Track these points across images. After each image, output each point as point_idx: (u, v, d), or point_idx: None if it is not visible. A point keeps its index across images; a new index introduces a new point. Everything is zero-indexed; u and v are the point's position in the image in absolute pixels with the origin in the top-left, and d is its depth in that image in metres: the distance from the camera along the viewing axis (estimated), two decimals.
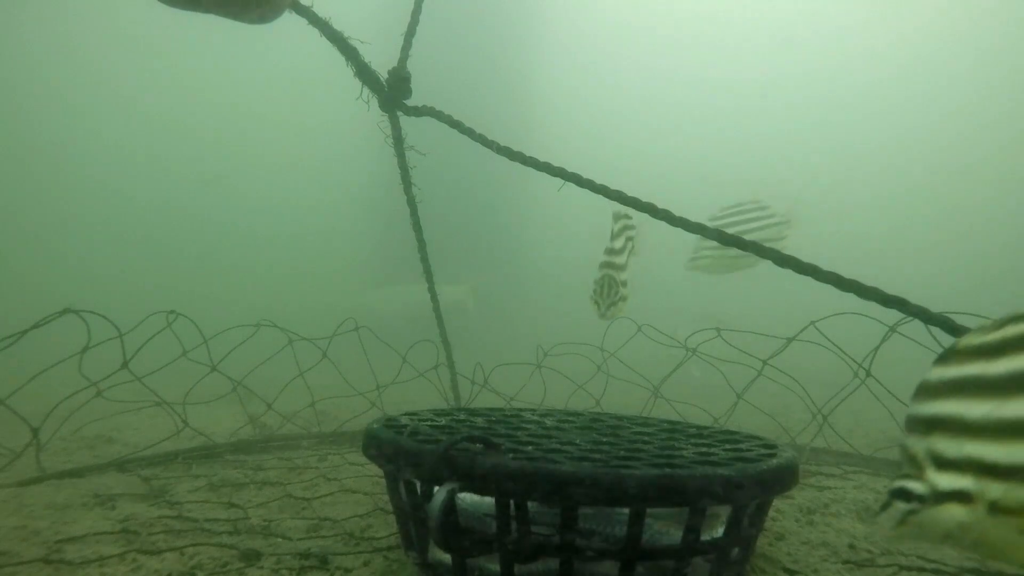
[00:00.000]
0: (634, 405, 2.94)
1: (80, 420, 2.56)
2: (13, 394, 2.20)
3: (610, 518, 1.17)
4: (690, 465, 1.11)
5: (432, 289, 3.13)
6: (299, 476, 2.08)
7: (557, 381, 3.06)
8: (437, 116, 2.61)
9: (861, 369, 2.40)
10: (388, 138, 2.85)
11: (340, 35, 2.48)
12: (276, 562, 1.33)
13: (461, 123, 2.52)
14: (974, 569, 1.35)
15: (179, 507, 1.71)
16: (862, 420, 3.48)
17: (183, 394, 2.62)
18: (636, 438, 1.38)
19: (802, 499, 1.82)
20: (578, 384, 3.00)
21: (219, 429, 2.88)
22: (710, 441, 1.39)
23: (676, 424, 1.63)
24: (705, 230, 1.90)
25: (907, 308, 1.53)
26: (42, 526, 1.52)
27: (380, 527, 1.57)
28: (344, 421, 2.99)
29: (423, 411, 1.62)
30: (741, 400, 2.71)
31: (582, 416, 1.67)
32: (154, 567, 1.29)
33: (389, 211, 4.84)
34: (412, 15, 2.72)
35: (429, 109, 2.65)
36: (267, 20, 2.11)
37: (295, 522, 1.61)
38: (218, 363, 2.73)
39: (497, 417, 1.57)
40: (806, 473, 2.19)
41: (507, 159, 2.34)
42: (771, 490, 1.14)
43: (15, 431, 2.30)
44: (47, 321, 2.32)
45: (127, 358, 2.40)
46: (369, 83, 2.62)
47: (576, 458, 1.12)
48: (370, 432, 1.29)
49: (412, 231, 3.04)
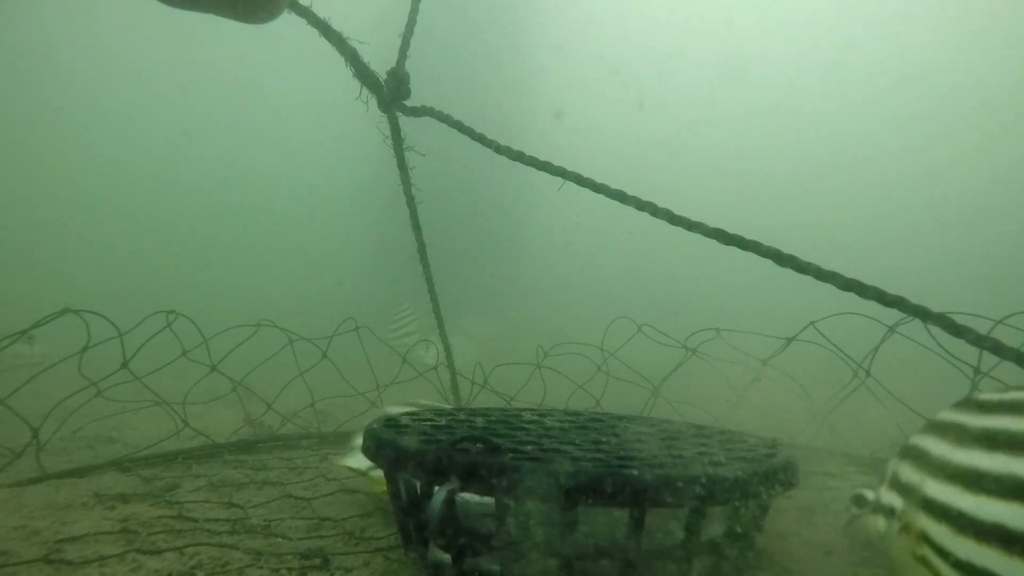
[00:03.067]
0: (634, 405, 2.94)
1: (80, 420, 2.56)
2: (13, 394, 2.21)
3: (610, 518, 1.17)
4: (690, 465, 1.11)
5: (432, 289, 3.13)
6: (299, 476, 2.08)
7: (557, 381, 3.06)
8: (436, 116, 2.60)
9: (861, 369, 2.40)
10: (387, 139, 2.85)
11: (339, 35, 2.48)
12: (276, 562, 1.33)
13: (461, 123, 2.52)
14: None
15: (179, 507, 1.71)
16: (862, 420, 3.48)
17: (183, 394, 2.62)
18: (636, 438, 1.38)
19: (802, 499, 1.82)
20: (578, 384, 3.00)
21: (219, 429, 2.88)
22: (710, 441, 1.39)
23: (676, 424, 1.63)
24: (705, 230, 1.90)
25: (907, 308, 1.53)
26: (42, 526, 1.52)
27: (380, 527, 1.57)
28: (344, 421, 2.99)
29: (423, 411, 1.62)
30: (741, 400, 2.71)
31: (582, 416, 1.67)
32: (154, 567, 1.29)
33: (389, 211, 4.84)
34: (409, 15, 2.72)
35: (428, 109, 2.65)
36: (266, 20, 2.11)
37: (295, 522, 1.61)
38: (218, 363, 2.73)
39: (497, 417, 1.57)
40: (806, 473, 2.19)
41: (507, 159, 2.34)
42: (771, 489, 1.15)
43: (15, 431, 2.30)
44: (47, 321, 2.32)
45: (127, 358, 2.40)
46: (368, 83, 2.62)
47: (576, 458, 1.12)
48: (370, 432, 1.29)
49: (411, 230, 3.04)
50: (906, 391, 2.44)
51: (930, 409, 2.34)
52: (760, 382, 2.70)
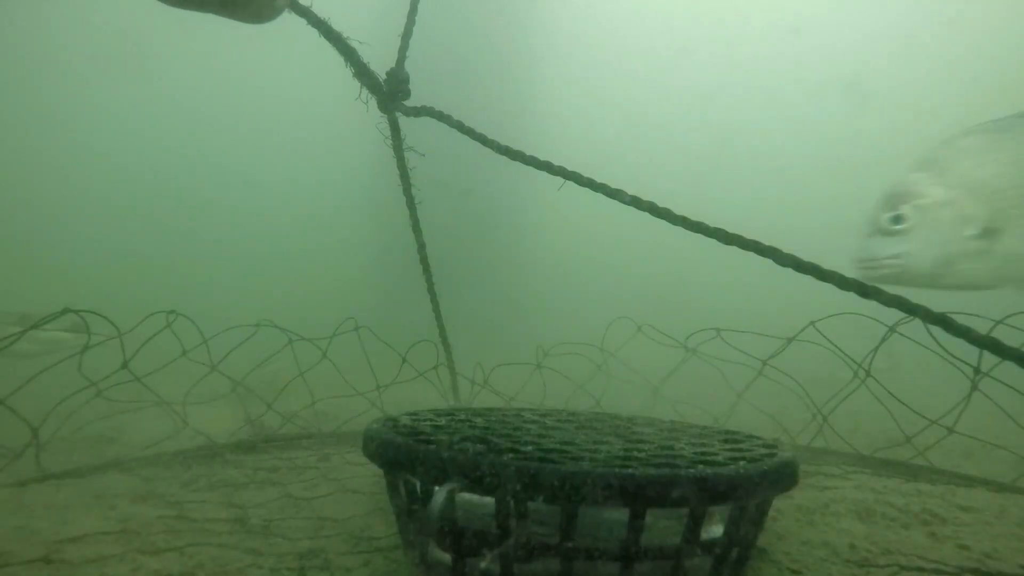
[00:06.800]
0: (634, 405, 2.94)
1: (80, 420, 2.56)
2: (13, 394, 2.21)
3: (610, 518, 1.17)
4: (690, 465, 1.10)
5: (432, 289, 3.13)
6: (299, 476, 2.08)
7: (557, 381, 3.06)
8: (436, 116, 2.61)
9: (861, 369, 2.40)
10: (387, 139, 2.85)
11: (339, 35, 2.48)
12: (276, 562, 1.33)
13: (461, 123, 2.52)
14: (974, 569, 1.35)
15: (179, 507, 1.71)
16: (862, 420, 3.48)
17: (183, 394, 2.62)
18: (636, 438, 1.38)
19: (802, 499, 1.82)
20: (578, 384, 3.00)
21: (219, 429, 2.88)
22: (710, 441, 1.39)
23: (676, 424, 1.63)
24: (705, 229, 1.90)
25: (908, 307, 1.53)
26: (42, 526, 1.52)
27: (380, 527, 1.57)
28: (344, 421, 2.99)
29: (423, 411, 1.62)
30: (741, 400, 2.71)
31: (582, 416, 1.67)
32: (154, 567, 1.29)
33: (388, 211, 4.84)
34: (409, 15, 2.72)
35: (428, 109, 2.65)
36: (266, 20, 2.11)
37: (295, 522, 1.61)
38: (218, 363, 2.73)
39: (497, 417, 1.57)
40: (806, 473, 2.19)
41: (507, 158, 2.34)
42: (771, 490, 1.14)
43: (15, 431, 2.30)
44: (47, 321, 2.32)
45: (127, 358, 2.40)
46: (368, 83, 2.62)
47: (576, 458, 1.11)
48: (370, 432, 1.29)
49: (410, 230, 3.04)
50: (906, 391, 2.44)
51: (930, 409, 2.34)
52: (760, 382, 2.70)
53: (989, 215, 1.69)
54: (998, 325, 2.01)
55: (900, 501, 1.71)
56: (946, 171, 1.70)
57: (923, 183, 1.72)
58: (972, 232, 1.70)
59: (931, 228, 1.68)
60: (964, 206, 1.63)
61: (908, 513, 1.62)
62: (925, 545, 1.44)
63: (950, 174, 1.69)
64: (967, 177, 1.64)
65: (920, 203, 1.68)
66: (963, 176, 1.65)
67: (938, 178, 1.68)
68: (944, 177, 1.69)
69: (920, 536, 1.49)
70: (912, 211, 1.66)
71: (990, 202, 1.68)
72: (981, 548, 1.41)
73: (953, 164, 1.72)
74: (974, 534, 1.49)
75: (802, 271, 1.70)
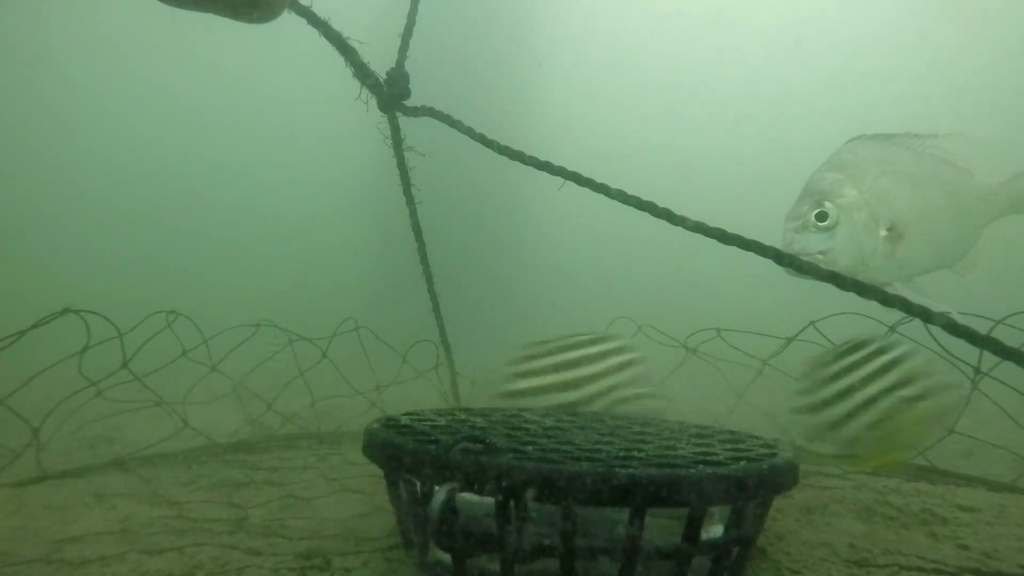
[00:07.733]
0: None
1: (80, 420, 2.56)
2: (13, 394, 2.20)
3: (610, 518, 1.17)
4: (690, 465, 1.10)
5: (432, 289, 3.13)
6: (299, 476, 2.08)
7: None
8: (436, 116, 2.60)
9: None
10: (387, 139, 2.85)
11: (339, 35, 2.48)
12: (276, 562, 1.33)
13: (460, 123, 2.52)
14: (974, 569, 1.35)
15: (179, 507, 1.71)
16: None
17: (183, 394, 2.62)
18: (636, 438, 1.38)
19: (802, 499, 1.82)
20: None
21: (219, 429, 2.88)
22: (710, 441, 1.39)
23: (676, 424, 1.63)
24: (705, 229, 1.90)
25: (908, 308, 1.53)
26: (42, 526, 1.52)
27: (380, 527, 1.57)
28: (344, 421, 2.99)
29: (423, 411, 1.62)
30: (741, 400, 2.71)
31: (582, 416, 1.66)
32: (154, 567, 1.29)
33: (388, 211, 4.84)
34: (409, 15, 2.72)
35: (428, 109, 2.65)
36: (266, 20, 2.11)
37: (295, 522, 1.61)
38: (218, 363, 2.73)
39: (497, 417, 1.57)
40: (806, 473, 2.19)
41: (508, 158, 2.34)
42: (772, 489, 1.14)
43: (15, 431, 2.30)
44: (47, 321, 2.32)
45: (127, 358, 2.41)
46: (368, 83, 2.62)
47: (576, 458, 1.11)
48: (370, 432, 1.29)
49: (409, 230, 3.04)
50: None
51: None
52: (760, 382, 2.70)
53: (891, 219, 1.80)
54: (998, 325, 2.01)
55: (900, 501, 1.71)
56: (855, 174, 1.80)
57: (838, 183, 1.80)
58: (883, 233, 1.80)
59: (852, 226, 1.77)
60: (874, 208, 1.73)
61: (908, 513, 1.62)
62: (925, 545, 1.44)
63: (859, 177, 1.79)
64: (873, 182, 1.77)
65: (840, 202, 1.76)
66: (870, 180, 1.76)
67: (850, 180, 1.78)
68: (855, 179, 1.80)
69: (920, 536, 1.49)
70: (835, 209, 1.74)
71: (891, 207, 1.79)
72: (981, 548, 1.41)
73: (860, 168, 1.83)
74: (974, 534, 1.49)
75: (802, 271, 1.70)
